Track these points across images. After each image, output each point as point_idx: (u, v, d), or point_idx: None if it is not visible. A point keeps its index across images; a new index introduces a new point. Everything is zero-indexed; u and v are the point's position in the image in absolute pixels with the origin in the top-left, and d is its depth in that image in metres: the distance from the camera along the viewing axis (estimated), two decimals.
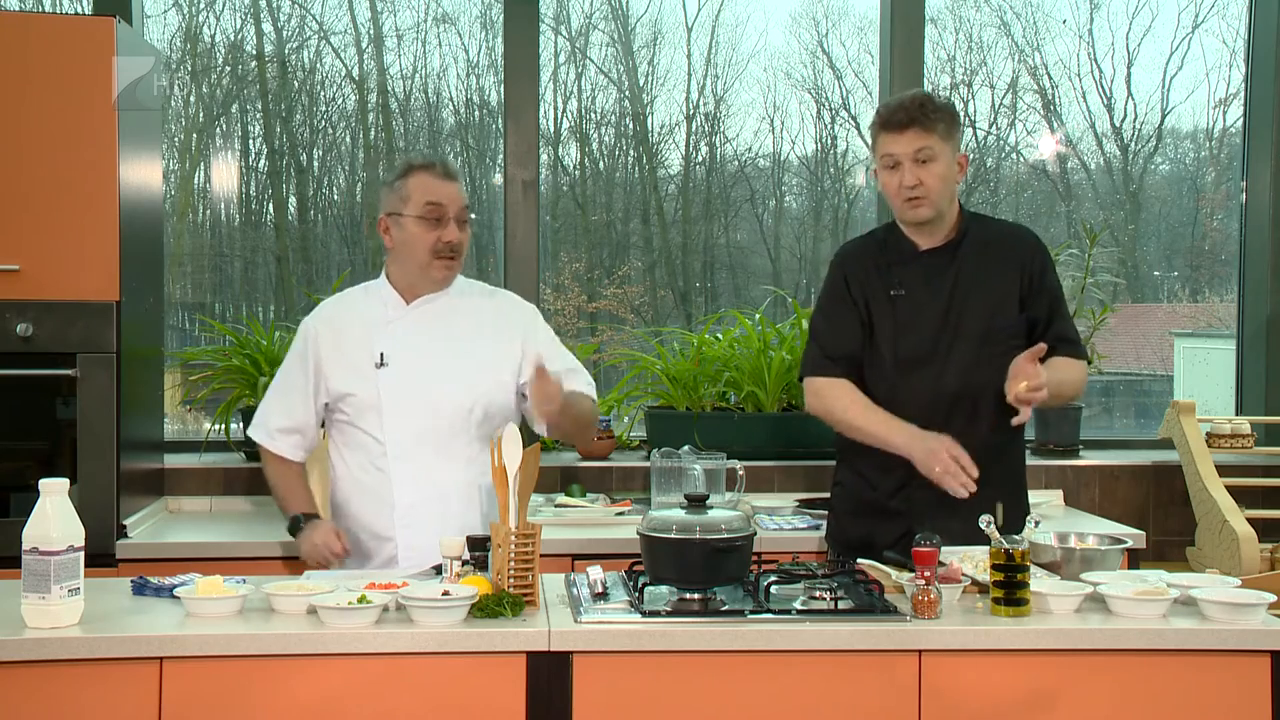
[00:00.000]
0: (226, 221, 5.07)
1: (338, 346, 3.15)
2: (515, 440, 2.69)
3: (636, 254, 5.29)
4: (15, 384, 3.50)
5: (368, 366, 3.11)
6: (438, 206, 3.07)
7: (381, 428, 3.09)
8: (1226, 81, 5.20)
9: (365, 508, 3.13)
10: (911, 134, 3.04)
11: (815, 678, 2.48)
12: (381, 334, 3.13)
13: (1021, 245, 3.19)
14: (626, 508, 3.94)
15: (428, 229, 3.07)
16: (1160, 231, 5.49)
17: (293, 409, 3.20)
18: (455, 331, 3.15)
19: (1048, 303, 3.16)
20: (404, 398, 3.09)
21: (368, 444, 3.12)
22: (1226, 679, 2.51)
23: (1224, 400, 4.93)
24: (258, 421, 3.27)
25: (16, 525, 2.46)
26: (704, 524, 2.60)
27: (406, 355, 3.11)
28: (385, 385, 3.10)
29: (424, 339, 3.13)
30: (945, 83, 5.23)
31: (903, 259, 3.17)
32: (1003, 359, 3.06)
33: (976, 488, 2.93)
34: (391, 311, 3.16)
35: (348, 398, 3.12)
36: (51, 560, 2.37)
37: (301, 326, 3.23)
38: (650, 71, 5.21)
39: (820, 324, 3.25)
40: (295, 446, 3.22)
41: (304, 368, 3.17)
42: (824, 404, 3.20)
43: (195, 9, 4.95)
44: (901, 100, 3.10)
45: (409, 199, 3.09)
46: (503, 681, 2.44)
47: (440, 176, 3.10)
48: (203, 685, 2.40)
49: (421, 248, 3.08)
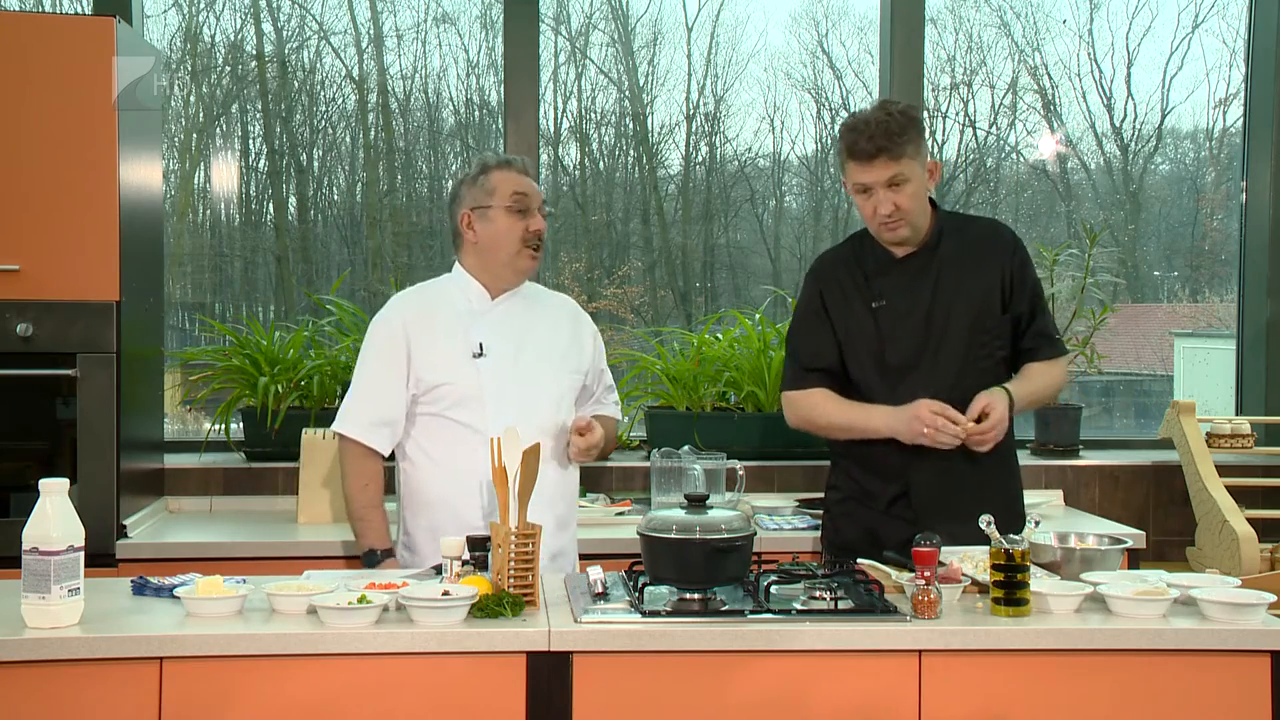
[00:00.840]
0: (226, 221, 5.07)
1: (430, 336, 3.17)
2: (515, 440, 2.70)
3: (636, 254, 5.29)
4: (15, 384, 3.50)
5: (464, 356, 3.14)
6: (524, 197, 3.17)
7: (483, 418, 3.10)
8: (1226, 81, 5.20)
9: (460, 501, 3.10)
10: (880, 163, 3.01)
11: (815, 678, 2.48)
12: (477, 324, 3.18)
13: (999, 242, 3.18)
14: (626, 508, 3.94)
15: (516, 219, 3.16)
16: (1160, 231, 5.50)
17: (384, 402, 3.17)
18: (541, 326, 3.25)
19: (1029, 299, 3.16)
20: (502, 386, 3.13)
21: (465, 436, 3.11)
22: (1226, 679, 2.51)
23: (1224, 400, 4.94)
24: (345, 417, 3.21)
25: (16, 525, 2.46)
26: (704, 524, 2.60)
27: (502, 345, 3.17)
28: (485, 374, 3.13)
29: (516, 331, 3.20)
30: (945, 83, 5.23)
31: (881, 268, 3.16)
32: (989, 359, 3.09)
33: (966, 433, 2.95)
34: (477, 304, 3.21)
35: (442, 388, 3.13)
36: (51, 560, 2.37)
37: (383, 319, 3.21)
38: (650, 71, 5.21)
39: (795, 339, 3.26)
40: (386, 440, 3.19)
41: (394, 359, 3.16)
42: (800, 414, 3.23)
43: (195, 9, 4.95)
44: (865, 125, 3.02)
45: (495, 191, 3.17)
46: (503, 681, 2.44)
47: (520, 171, 3.21)
48: (203, 685, 2.40)
49: (512, 237, 3.16)
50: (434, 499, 3.15)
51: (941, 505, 3.04)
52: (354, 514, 3.20)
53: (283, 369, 4.20)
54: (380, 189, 5.21)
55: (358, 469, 3.19)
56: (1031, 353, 3.16)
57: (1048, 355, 3.16)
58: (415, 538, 3.19)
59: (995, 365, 3.12)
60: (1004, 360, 3.15)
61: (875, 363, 3.14)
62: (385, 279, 4.99)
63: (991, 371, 3.10)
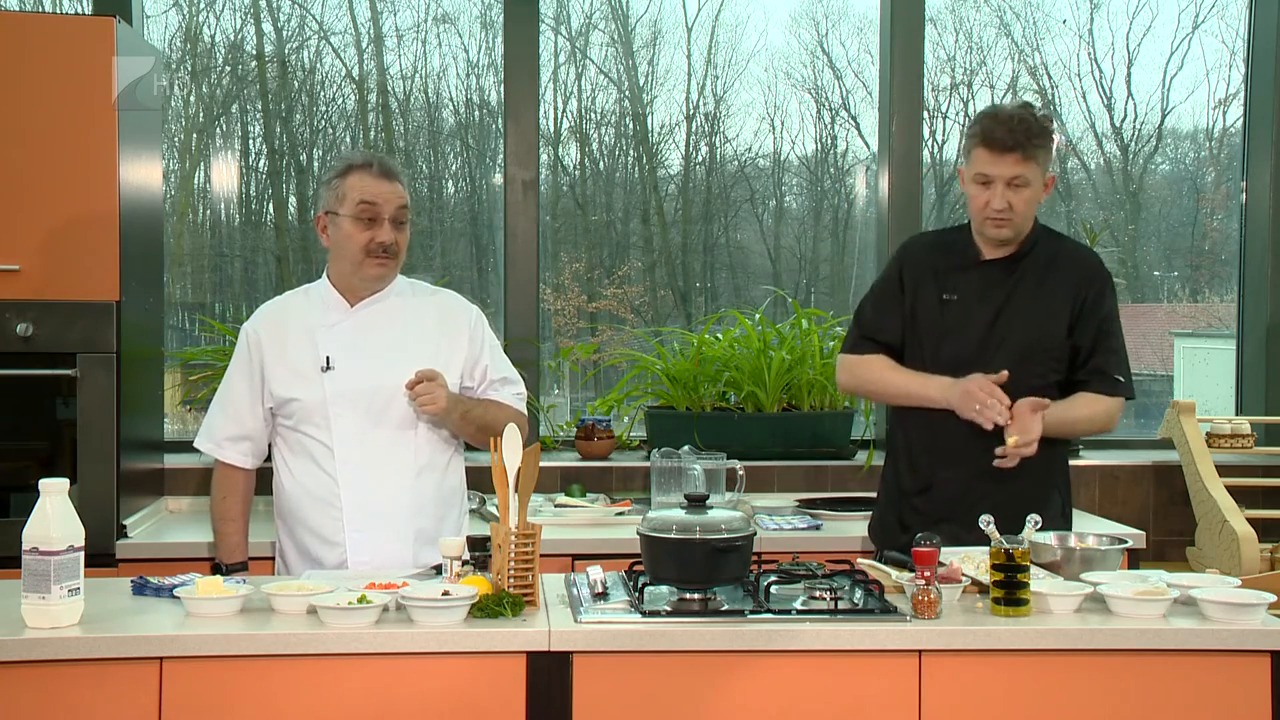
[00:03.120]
0: (226, 221, 5.07)
1: (280, 350, 3.10)
2: (515, 440, 2.69)
3: (636, 254, 5.29)
4: (15, 384, 3.50)
5: (312, 370, 3.07)
6: (371, 206, 3.03)
7: (329, 432, 3.05)
8: (1226, 82, 5.20)
9: (313, 513, 3.08)
10: (1012, 159, 2.99)
11: (815, 678, 2.48)
12: (326, 337, 3.09)
13: (1081, 269, 3.14)
14: (626, 508, 3.94)
15: (361, 229, 3.03)
16: (1160, 231, 5.49)
17: (239, 416, 3.14)
18: (400, 333, 3.11)
19: (1094, 332, 3.11)
20: (350, 401, 3.05)
21: (314, 449, 3.07)
22: (1226, 679, 2.51)
23: (1224, 400, 4.93)
24: (204, 432, 3.19)
25: (16, 525, 2.46)
26: (704, 524, 2.60)
27: (352, 358, 3.07)
28: (331, 388, 3.05)
29: (369, 341, 3.09)
30: (945, 83, 5.23)
31: (963, 265, 3.16)
32: (1040, 380, 3.07)
33: (1007, 419, 2.94)
34: (334, 314, 3.11)
35: (292, 403, 3.07)
36: (51, 560, 2.37)
37: (242, 332, 3.17)
38: (650, 71, 5.21)
39: (866, 309, 3.27)
40: (244, 454, 3.15)
41: (248, 373, 3.12)
42: (855, 376, 3.25)
43: (195, 9, 4.95)
44: (1006, 117, 3.00)
45: (344, 198, 3.05)
46: (503, 681, 2.44)
47: (377, 175, 3.05)
48: (203, 685, 2.40)
49: (354, 247, 3.04)
50: (292, 511, 3.12)
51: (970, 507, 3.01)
52: (212, 526, 3.21)
53: None
54: None
55: (217, 480, 3.19)
56: (1084, 385, 3.11)
57: (1099, 390, 3.11)
58: (284, 549, 3.17)
59: (1045, 387, 3.08)
60: (1055, 385, 3.11)
61: (931, 354, 3.15)
62: None
63: (1040, 392, 3.05)
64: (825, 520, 3.90)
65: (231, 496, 3.17)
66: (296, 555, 3.12)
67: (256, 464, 3.19)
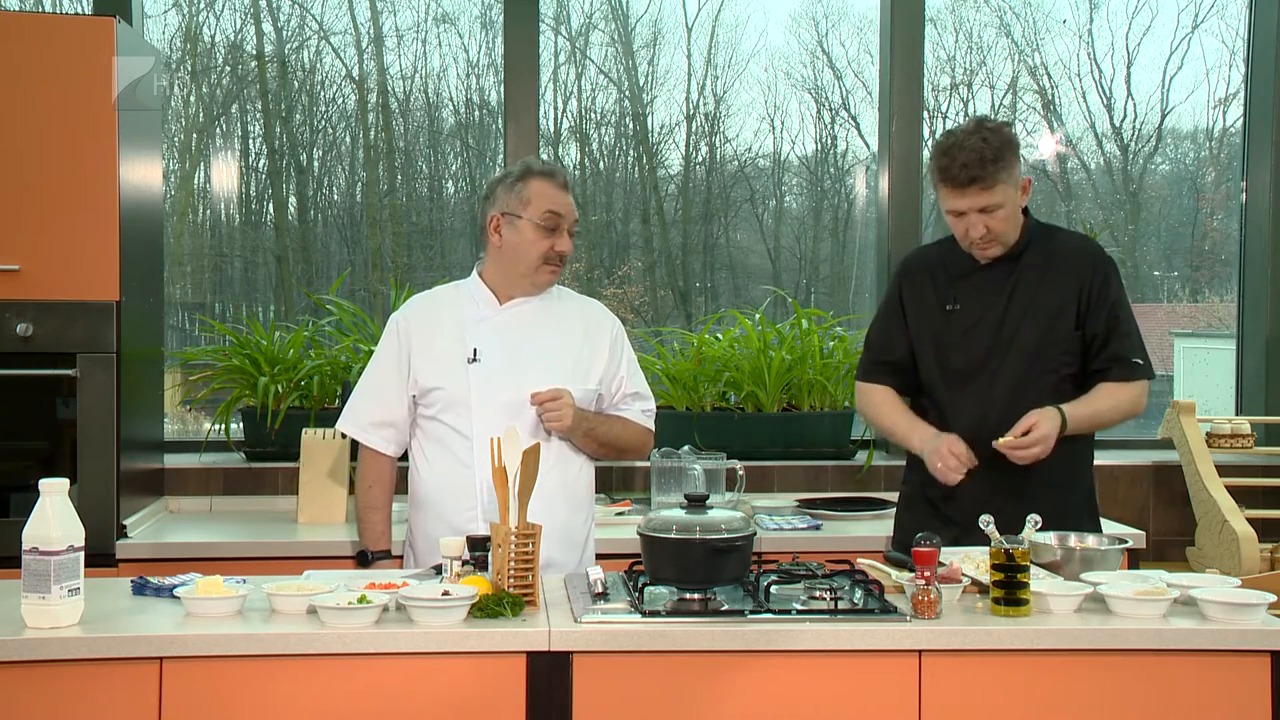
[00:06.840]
0: (226, 221, 5.07)
1: (429, 340, 3.15)
2: (515, 440, 2.69)
3: (636, 254, 5.29)
4: (15, 384, 3.50)
5: (459, 361, 3.11)
6: (557, 216, 3.11)
7: (469, 423, 3.09)
8: (1226, 81, 5.20)
9: (449, 504, 3.10)
10: (974, 191, 2.99)
11: (815, 678, 2.48)
12: (476, 330, 3.14)
13: (1083, 258, 3.13)
14: (626, 508, 3.94)
15: (543, 236, 3.10)
16: (1160, 231, 5.50)
17: (385, 402, 3.18)
18: (547, 333, 3.16)
19: (1105, 320, 3.09)
20: (493, 393, 3.09)
21: (452, 440, 3.11)
22: (1226, 679, 2.51)
23: (1224, 400, 4.93)
24: (349, 417, 3.23)
25: (16, 525, 2.46)
26: (704, 524, 2.60)
27: (499, 352, 3.12)
28: (475, 380, 3.10)
29: (516, 338, 3.14)
30: (945, 83, 5.23)
31: (962, 272, 3.16)
32: (1054, 375, 3.07)
33: (967, 476, 3.01)
34: (484, 310, 3.17)
35: (435, 392, 3.12)
36: (51, 560, 2.37)
37: (391, 322, 3.23)
38: (650, 71, 5.21)
39: (872, 332, 3.33)
40: (388, 440, 3.19)
41: (396, 361, 3.17)
42: (863, 408, 3.35)
43: (195, 9, 4.95)
44: (959, 150, 2.98)
45: (529, 203, 3.11)
46: (503, 681, 2.44)
47: (561, 186, 3.15)
48: (203, 685, 2.40)
49: (535, 253, 3.11)
50: (428, 501, 3.15)
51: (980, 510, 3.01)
52: (356, 513, 3.25)
53: (282, 369, 4.20)
54: (380, 189, 5.21)
55: (364, 468, 3.23)
56: (1103, 374, 3.09)
57: (1120, 378, 3.08)
58: (415, 538, 3.20)
59: (1060, 381, 3.08)
60: (1071, 378, 3.10)
61: (941, 365, 3.16)
62: (385, 279, 4.99)
63: (1055, 388, 3.06)
64: (825, 520, 3.90)
65: (377, 485, 3.21)
66: (427, 546, 3.13)
67: (398, 452, 3.22)
